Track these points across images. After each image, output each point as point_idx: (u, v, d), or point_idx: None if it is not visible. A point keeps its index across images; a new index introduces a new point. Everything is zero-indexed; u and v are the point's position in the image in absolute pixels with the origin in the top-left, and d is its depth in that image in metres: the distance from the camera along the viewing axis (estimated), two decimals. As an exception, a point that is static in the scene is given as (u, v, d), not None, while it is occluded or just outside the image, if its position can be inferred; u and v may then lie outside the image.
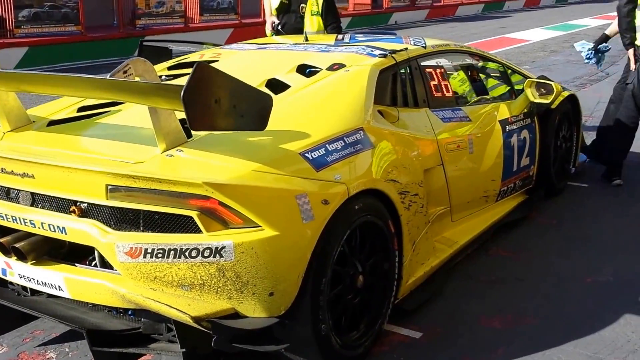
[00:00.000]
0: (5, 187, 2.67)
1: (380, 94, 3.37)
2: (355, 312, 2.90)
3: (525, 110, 4.35)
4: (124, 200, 2.40)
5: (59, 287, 2.58)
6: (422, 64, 3.79)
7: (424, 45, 3.87)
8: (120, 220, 2.44)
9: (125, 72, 2.43)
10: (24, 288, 2.83)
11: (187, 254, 2.35)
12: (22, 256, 2.60)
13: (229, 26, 15.84)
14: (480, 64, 4.50)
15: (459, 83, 4.42)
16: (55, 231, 2.52)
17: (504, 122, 4.12)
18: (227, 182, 2.35)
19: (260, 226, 2.39)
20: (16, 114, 2.92)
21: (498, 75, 4.57)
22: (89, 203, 2.47)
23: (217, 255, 2.35)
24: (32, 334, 3.14)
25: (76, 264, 2.61)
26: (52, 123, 3.03)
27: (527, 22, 19.69)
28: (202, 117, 2.19)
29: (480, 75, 4.52)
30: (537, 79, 4.37)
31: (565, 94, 4.82)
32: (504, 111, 4.18)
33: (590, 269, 3.74)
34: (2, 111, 2.86)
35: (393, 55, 3.56)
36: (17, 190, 2.63)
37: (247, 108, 2.33)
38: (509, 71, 4.54)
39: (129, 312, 2.65)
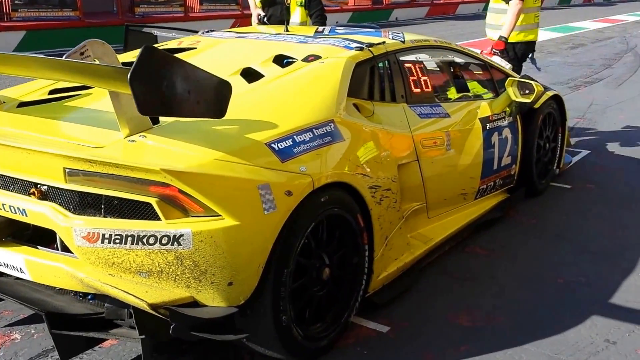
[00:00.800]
0: (-33, 168, 2.66)
1: (356, 87, 3.35)
2: (321, 304, 2.89)
3: (507, 109, 4.33)
4: (83, 184, 2.38)
5: (20, 269, 2.57)
6: (402, 59, 3.77)
7: (403, 39, 3.85)
8: (79, 204, 2.43)
9: (82, 53, 2.41)
10: None
11: (144, 240, 2.34)
12: (-17, 237, 2.59)
13: (230, 16, 15.81)
14: (463, 61, 4.47)
15: (440, 80, 4.40)
16: (15, 213, 2.51)
17: (484, 120, 4.10)
18: (187, 169, 2.34)
19: (220, 215, 2.38)
20: None
21: (480, 73, 4.54)
22: (49, 186, 2.46)
23: (175, 243, 2.34)
24: (0, 314, 3.14)
25: (38, 247, 2.60)
26: (22, 105, 3.02)
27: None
28: (150, 101, 2.17)
29: (462, 72, 4.49)
30: (519, 78, 4.35)
31: (550, 94, 4.80)
32: (484, 109, 4.16)
33: (564, 270, 3.73)
34: None
35: (370, 48, 3.54)
36: None
37: (204, 95, 2.31)
38: (492, 69, 4.52)
39: (89, 297, 2.65)
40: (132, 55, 3.79)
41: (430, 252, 3.70)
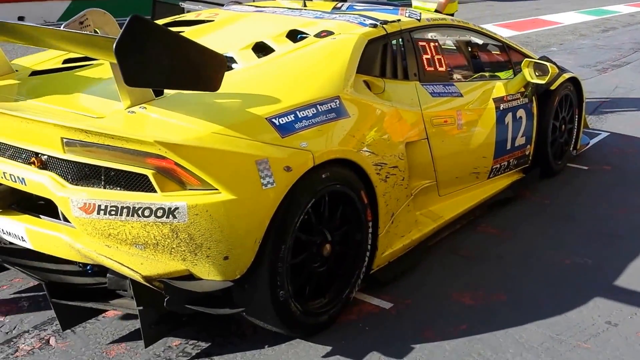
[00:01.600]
0: (-25, 137, 2.69)
1: (367, 64, 3.30)
2: (322, 280, 2.89)
3: (523, 89, 4.25)
4: (81, 154, 2.40)
5: (22, 237, 2.61)
6: (417, 37, 3.70)
7: (419, 18, 3.78)
8: (77, 174, 2.45)
9: (81, 22, 2.41)
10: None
11: (140, 212, 2.35)
12: (-14, 205, 2.63)
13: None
14: (480, 41, 4.39)
15: (455, 59, 4.33)
16: (15, 181, 2.54)
17: (498, 100, 4.03)
18: (183, 142, 2.34)
19: (216, 189, 2.38)
20: None
21: (498, 53, 4.46)
22: (48, 155, 2.48)
23: (171, 215, 2.34)
24: (10, 281, 3.21)
25: (41, 216, 2.63)
26: (35, 73, 3.04)
27: (562, 4, 19.18)
28: (137, 72, 2.15)
29: (479, 52, 4.41)
30: (535, 59, 4.25)
31: (567, 76, 4.71)
32: (499, 89, 4.08)
33: (572, 251, 3.68)
34: None
35: (384, 25, 3.49)
36: None
37: (195, 68, 2.29)
38: (510, 50, 4.42)
39: (88, 268, 2.68)
40: (160, 23, 3.79)
41: (440, 230, 3.68)
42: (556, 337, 2.88)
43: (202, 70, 2.34)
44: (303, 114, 2.72)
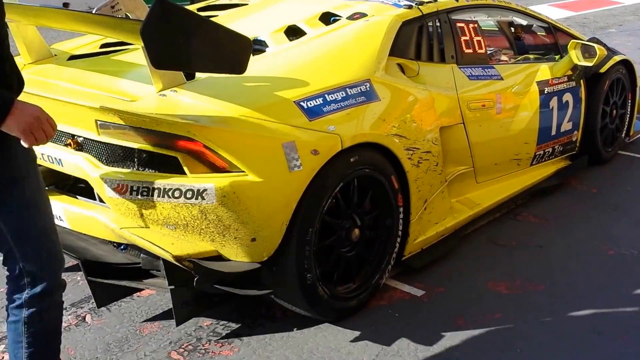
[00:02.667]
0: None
1: (401, 47, 3.26)
2: (351, 264, 2.89)
3: (570, 72, 4.10)
4: (114, 136, 2.46)
5: (60, 217, 2.70)
6: (455, 18, 3.63)
7: (457, -3, 3.70)
8: (111, 156, 2.51)
9: (113, 7, 2.47)
10: None
11: (170, 194, 2.40)
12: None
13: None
14: (524, 22, 4.26)
15: (497, 41, 4.22)
16: (53, 162, 2.63)
17: (542, 84, 3.91)
18: (211, 125, 2.37)
19: (244, 172, 2.40)
20: (37, 47, 3.03)
21: (544, 34, 4.32)
22: (84, 137, 2.56)
23: (199, 197, 2.39)
24: (51, 262, 3.32)
25: (77, 197, 2.72)
26: (73, 58, 3.13)
27: (624, -18, 18.42)
28: (163, 55, 2.19)
29: (523, 34, 4.28)
30: (583, 41, 4.10)
31: (618, 58, 4.50)
32: (544, 72, 3.96)
33: (616, 242, 3.55)
34: (23, 44, 2.98)
35: (420, 6, 3.42)
36: None
37: (221, 50, 2.32)
38: (557, 32, 4.28)
39: (122, 247, 2.75)
40: (191, 9, 3.84)
41: (478, 219, 3.61)
42: (594, 329, 2.80)
43: (227, 52, 2.37)
44: (332, 97, 2.71)
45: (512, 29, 4.24)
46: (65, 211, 2.67)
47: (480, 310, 2.93)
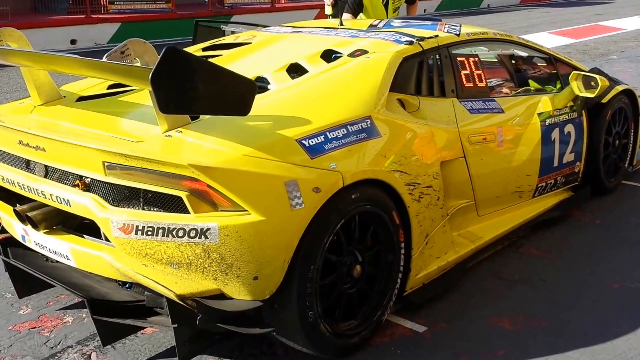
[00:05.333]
0: (25, 158, 2.85)
1: (402, 82, 3.31)
2: (352, 301, 2.90)
3: (571, 103, 4.14)
4: (121, 177, 2.51)
5: (67, 256, 2.75)
6: (455, 52, 3.68)
7: (458, 33, 3.76)
8: (117, 196, 2.55)
9: (122, 52, 2.53)
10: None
11: (174, 233, 2.43)
12: (34, 225, 2.77)
13: (316, 7, 15.87)
14: (525, 54, 4.31)
15: (497, 74, 4.27)
16: (61, 203, 2.67)
17: (543, 116, 3.95)
18: (214, 165, 2.41)
19: (246, 210, 2.44)
20: (47, 89, 3.12)
21: (544, 66, 4.36)
22: (92, 178, 2.60)
23: (203, 236, 2.42)
24: (57, 297, 3.35)
25: (84, 236, 2.76)
26: (82, 99, 3.20)
27: (627, 9, 18.54)
28: (171, 100, 2.27)
29: (524, 66, 4.33)
30: (584, 72, 4.15)
31: (620, 88, 4.54)
32: (545, 104, 4.00)
33: (623, 275, 3.54)
34: (34, 86, 3.06)
35: (420, 42, 3.48)
36: (34, 162, 2.81)
37: (227, 94, 2.38)
38: (557, 63, 4.33)
39: (127, 285, 2.78)
40: (196, 48, 3.94)
41: (480, 252, 3.61)
42: (598, 366, 2.79)
43: (233, 95, 2.43)
44: (333, 134, 2.75)
45: (513, 61, 4.28)
46: (72, 250, 2.70)
47: (483, 346, 2.92)
